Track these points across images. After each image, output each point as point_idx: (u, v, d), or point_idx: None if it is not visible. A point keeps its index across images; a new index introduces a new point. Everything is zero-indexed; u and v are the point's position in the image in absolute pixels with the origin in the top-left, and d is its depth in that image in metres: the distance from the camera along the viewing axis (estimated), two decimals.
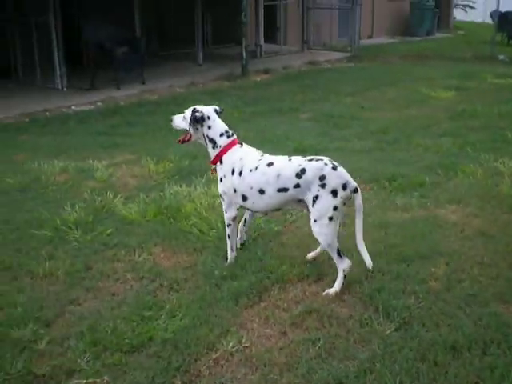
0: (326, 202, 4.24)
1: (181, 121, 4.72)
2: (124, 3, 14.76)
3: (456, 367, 3.52)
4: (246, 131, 8.59)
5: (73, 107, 11.43)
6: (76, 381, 3.52)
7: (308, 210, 4.38)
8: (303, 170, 4.30)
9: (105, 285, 4.60)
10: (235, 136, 4.71)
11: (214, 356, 3.70)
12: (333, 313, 4.10)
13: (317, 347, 3.73)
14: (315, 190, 4.25)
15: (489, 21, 27.82)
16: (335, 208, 4.24)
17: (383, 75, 14.13)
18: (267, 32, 17.78)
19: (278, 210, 4.78)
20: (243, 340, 3.83)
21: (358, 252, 4.40)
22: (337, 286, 4.36)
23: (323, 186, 4.23)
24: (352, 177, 6.52)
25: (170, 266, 4.84)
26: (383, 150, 7.97)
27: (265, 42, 17.64)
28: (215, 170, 4.69)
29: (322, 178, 4.24)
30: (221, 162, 4.61)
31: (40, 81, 13.56)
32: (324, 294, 4.33)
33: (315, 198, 4.26)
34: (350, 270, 4.39)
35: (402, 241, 5.12)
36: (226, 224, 4.76)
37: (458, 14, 27.46)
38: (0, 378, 3.54)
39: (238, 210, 4.70)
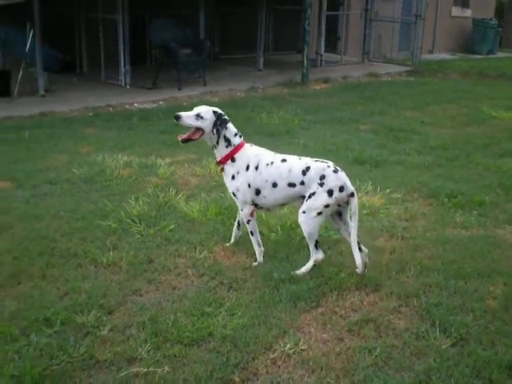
0: (320, 199, 4.51)
1: (193, 119, 4.72)
2: (190, 6, 15.01)
3: None
4: (306, 139, 8.69)
5: (135, 104, 11.63)
6: (137, 369, 3.62)
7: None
8: (308, 168, 4.59)
9: (166, 278, 4.71)
10: None
11: (271, 356, 3.76)
12: (390, 324, 4.13)
13: (373, 356, 3.76)
14: (314, 187, 4.52)
15: None
16: (327, 206, 4.52)
17: (444, 91, 13.97)
18: (328, 41, 17.81)
19: (282, 205, 4.99)
20: (300, 343, 3.89)
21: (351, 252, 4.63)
22: (304, 269, 4.70)
23: (321, 184, 4.51)
24: (411, 191, 6.65)
25: (230, 265, 4.93)
26: (443, 166, 7.91)
27: (325, 51, 17.67)
28: (223, 169, 4.84)
29: (322, 177, 4.52)
30: (232, 160, 4.77)
31: (104, 77, 13.89)
32: (292, 273, 4.62)
33: (312, 194, 4.52)
34: (320, 262, 4.72)
35: (460, 258, 5.10)
36: (246, 221, 4.91)
37: None
38: (63, 361, 3.66)
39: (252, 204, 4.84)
